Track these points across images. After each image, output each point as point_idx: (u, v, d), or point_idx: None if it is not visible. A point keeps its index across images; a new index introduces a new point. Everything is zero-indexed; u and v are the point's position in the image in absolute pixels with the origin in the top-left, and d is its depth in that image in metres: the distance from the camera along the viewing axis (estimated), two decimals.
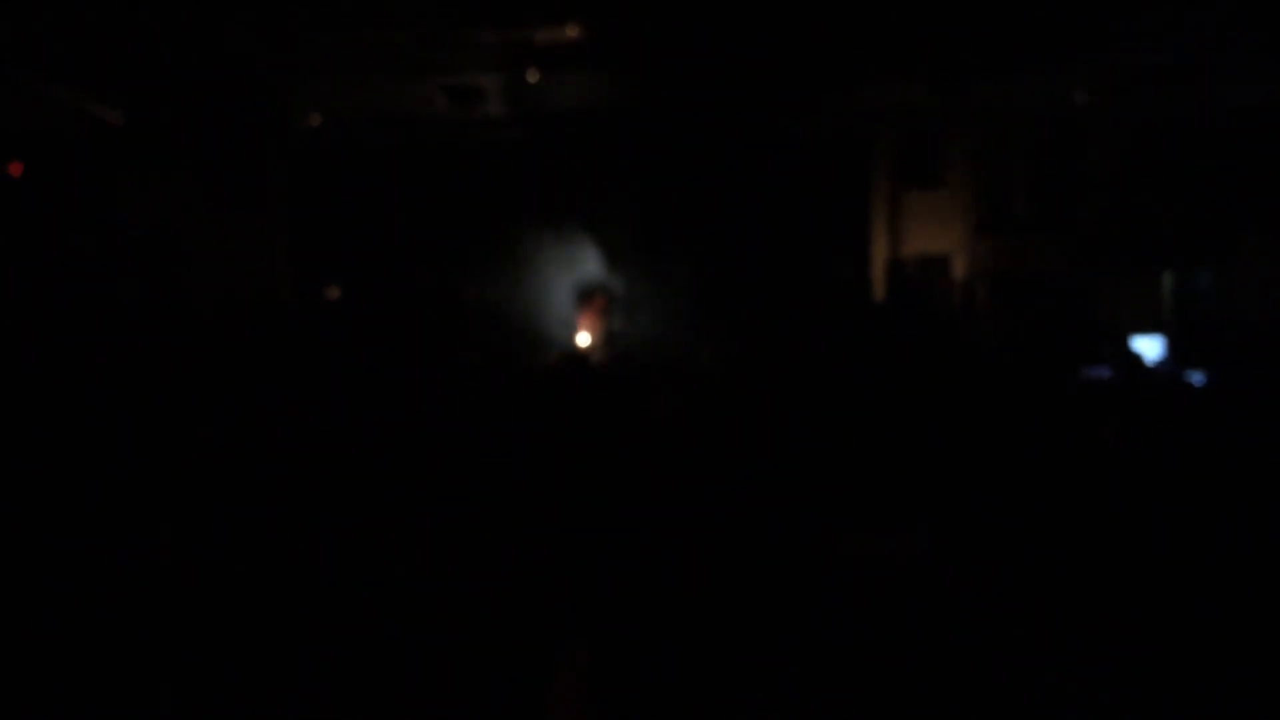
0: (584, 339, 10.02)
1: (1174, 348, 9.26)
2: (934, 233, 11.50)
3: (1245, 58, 8.97)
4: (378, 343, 10.02)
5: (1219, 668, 4.78)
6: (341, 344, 10.13)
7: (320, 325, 10.93)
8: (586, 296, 10.49)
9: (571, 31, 8.59)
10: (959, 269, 11.43)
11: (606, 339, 10.03)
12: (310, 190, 11.48)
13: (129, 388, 8.28)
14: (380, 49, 9.01)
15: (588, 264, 10.43)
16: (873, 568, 5.75)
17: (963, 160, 11.54)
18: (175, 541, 5.82)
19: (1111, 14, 8.04)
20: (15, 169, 10.56)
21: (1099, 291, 10.67)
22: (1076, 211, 11.11)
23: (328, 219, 11.47)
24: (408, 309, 10.80)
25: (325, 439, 7.79)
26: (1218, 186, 10.44)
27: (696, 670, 4.93)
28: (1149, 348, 9.25)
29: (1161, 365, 9.15)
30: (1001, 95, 10.26)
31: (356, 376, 9.14)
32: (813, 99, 10.31)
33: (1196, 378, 8.63)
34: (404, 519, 6.51)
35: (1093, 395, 8.67)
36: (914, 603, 5.34)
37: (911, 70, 9.47)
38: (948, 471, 6.88)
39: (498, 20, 8.37)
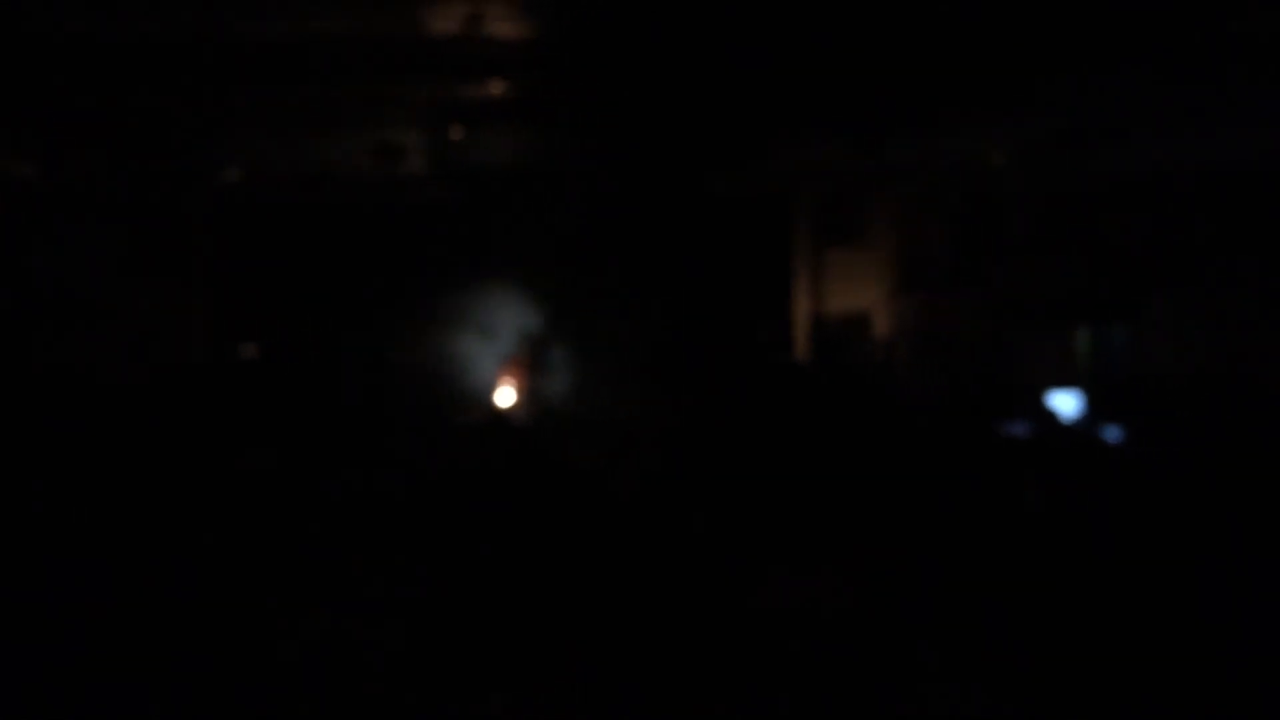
0: (507, 397, 9.97)
1: (1090, 403, 9.39)
2: (855, 290, 11.61)
3: (1155, 121, 9.20)
4: (299, 403, 9.88)
5: (1138, 707, 4.81)
6: (261, 404, 9.96)
7: (239, 386, 10.74)
8: (509, 355, 10.45)
9: (496, 89, 8.60)
10: (880, 326, 11.53)
11: (529, 397, 9.99)
12: (230, 247, 11.32)
13: (41, 448, 8.07)
14: (303, 105, 8.95)
15: (510, 323, 10.39)
16: (794, 614, 5.75)
17: (883, 219, 11.69)
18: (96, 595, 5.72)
19: (1026, 79, 8.22)
20: None
21: (1016, 348, 10.82)
22: (994, 269, 11.28)
23: (248, 277, 11.30)
24: (329, 369, 10.67)
25: (246, 498, 7.66)
26: (1130, 245, 10.66)
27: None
28: (1066, 403, 9.38)
29: (1078, 420, 9.27)
30: (920, 156, 10.43)
31: (276, 436, 8.99)
32: (736, 159, 10.40)
33: (1112, 432, 8.76)
34: (326, 574, 6.42)
35: (1011, 450, 8.77)
36: (834, 646, 5.34)
37: (833, 132, 9.59)
38: (871, 523, 6.90)
39: (422, 77, 8.35)
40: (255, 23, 7.25)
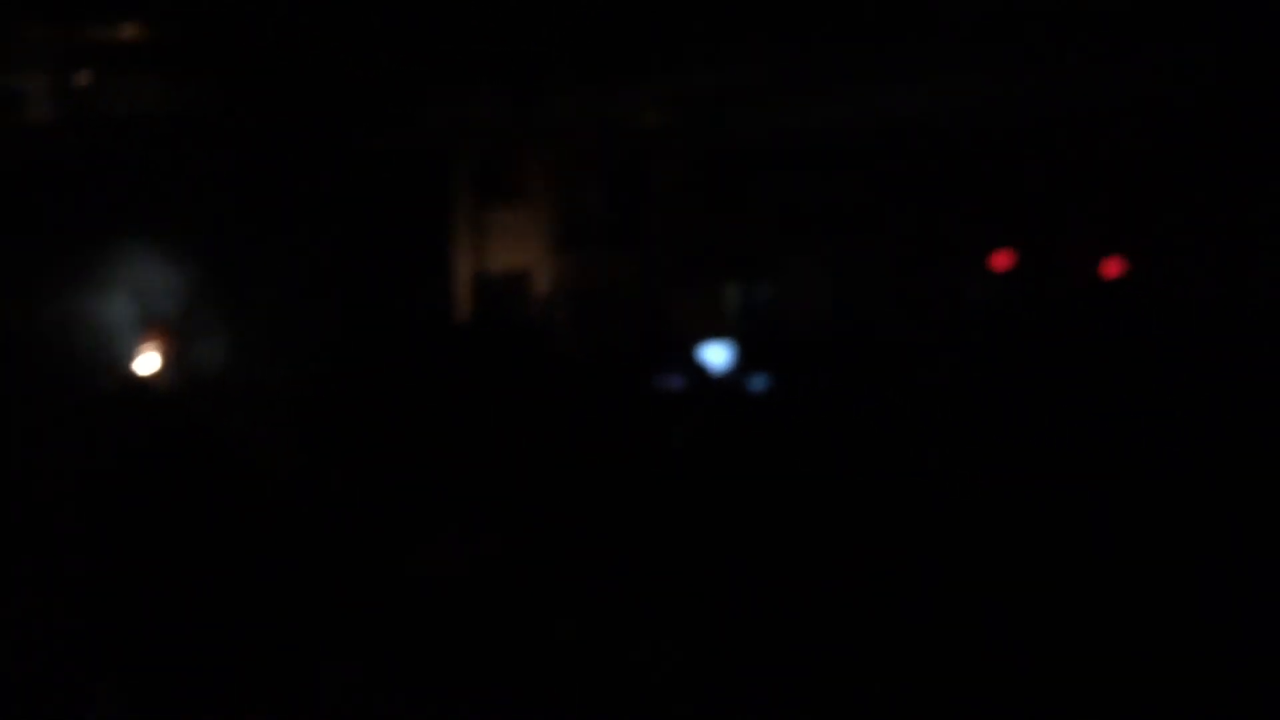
0: (150, 363, 9.43)
1: (739, 354, 9.91)
2: (515, 248, 11.71)
3: (803, 82, 9.72)
4: None
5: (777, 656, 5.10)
6: None
7: None
8: (151, 318, 9.88)
9: (129, 30, 8.12)
10: (540, 283, 11.69)
11: (174, 362, 9.49)
12: None
13: None
14: None
15: (152, 284, 9.83)
16: (449, 574, 5.77)
17: (541, 177, 11.83)
18: None
19: (682, 37, 8.48)
20: None
21: (669, 303, 11.28)
22: (648, 227, 11.67)
23: None
24: None
25: None
26: (773, 204, 11.28)
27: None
28: (717, 355, 9.86)
29: (727, 371, 9.77)
30: (575, 114, 10.61)
31: None
32: (392, 113, 10.23)
33: (759, 381, 9.29)
34: None
35: (665, 400, 9.14)
36: (495, 608, 5.40)
37: (490, 86, 9.60)
38: (530, 479, 6.99)
39: (44, 15, 7.78)
40: None
